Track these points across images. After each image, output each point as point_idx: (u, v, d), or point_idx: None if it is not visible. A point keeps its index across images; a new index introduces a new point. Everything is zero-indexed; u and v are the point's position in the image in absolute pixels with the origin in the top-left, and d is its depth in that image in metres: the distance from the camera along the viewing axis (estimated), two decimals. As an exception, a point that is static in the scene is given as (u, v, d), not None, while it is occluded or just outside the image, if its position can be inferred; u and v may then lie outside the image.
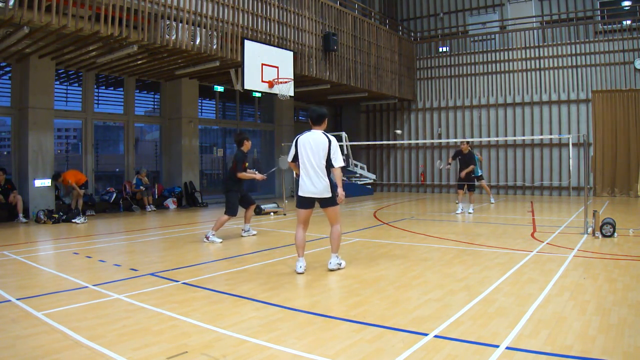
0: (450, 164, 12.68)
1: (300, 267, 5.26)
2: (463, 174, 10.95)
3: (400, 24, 20.36)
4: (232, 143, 16.96)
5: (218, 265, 5.89)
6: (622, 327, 3.40)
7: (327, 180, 5.15)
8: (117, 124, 13.88)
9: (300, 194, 5.26)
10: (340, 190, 5.19)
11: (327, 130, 5.39)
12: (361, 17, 15.71)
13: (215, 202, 15.26)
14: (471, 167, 11.04)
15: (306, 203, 5.29)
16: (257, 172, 7.95)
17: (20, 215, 10.33)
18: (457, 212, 11.16)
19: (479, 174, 13.44)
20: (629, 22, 16.03)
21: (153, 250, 7.05)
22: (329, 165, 5.14)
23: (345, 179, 16.86)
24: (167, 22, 9.35)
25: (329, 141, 5.13)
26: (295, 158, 5.30)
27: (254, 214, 11.50)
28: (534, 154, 16.90)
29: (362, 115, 20.46)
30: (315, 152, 5.12)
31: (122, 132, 13.79)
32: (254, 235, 8.16)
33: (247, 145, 7.71)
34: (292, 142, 5.33)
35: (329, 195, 5.19)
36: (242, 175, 7.55)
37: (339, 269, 5.38)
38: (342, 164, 5.19)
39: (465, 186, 11.11)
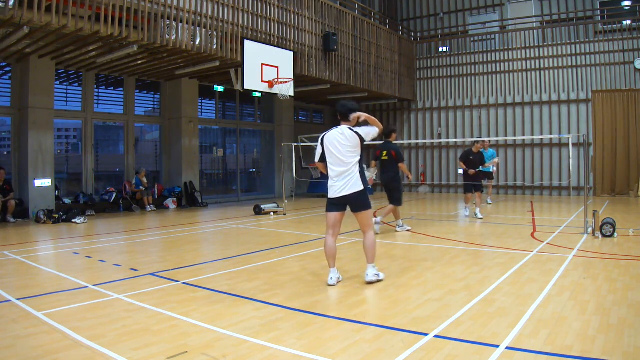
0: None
1: (332, 279, 4.72)
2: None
3: (400, 24, 20.35)
4: (232, 143, 16.97)
5: (218, 265, 5.89)
6: (622, 327, 3.40)
7: (357, 175, 4.68)
8: (117, 124, 13.88)
9: (329, 196, 4.77)
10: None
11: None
12: (361, 17, 15.71)
13: (215, 202, 15.26)
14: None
15: (335, 205, 4.76)
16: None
17: (9, 215, 10.31)
18: (479, 216, 10.25)
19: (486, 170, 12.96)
20: (629, 22, 16.02)
21: (153, 250, 7.05)
22: (361, 158, 4.77)
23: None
24: (167, 22, 9.35)
25: (359, 137, 4.72)
26: (323, 158, 4.83)
27: (254, 214, 11.53)
28: (534, 154, 16.89)
29: (362, 115, 20.41)
30: (344, 150, 4.68)
31: (122, 132, 13.79)
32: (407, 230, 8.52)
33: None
34: (318, 140, 4.92)
35: (361, 188, 4.66)
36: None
37: (378, 280, 4.76)
38: (373, 135, 4.83)
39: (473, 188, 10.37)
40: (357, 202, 4.70)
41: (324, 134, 4.91)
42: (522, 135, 16.87)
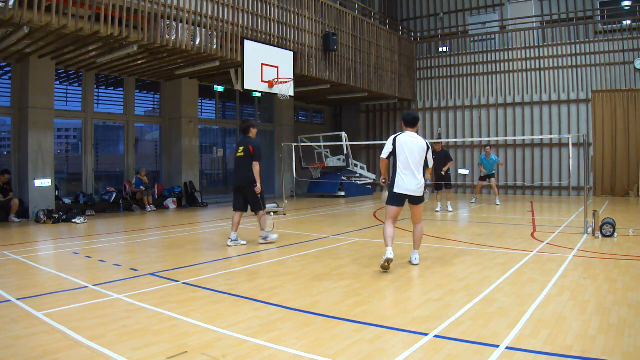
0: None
1: (391, 252, 5.17)
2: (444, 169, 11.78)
3: (400, 24, 20.35)
4: (232, 143, 16.98)
5: (218, 265, 5.89)
6: (622, 327, 3.40)
7: (424, 180, 5.51)
8: (117, 124, 13.88)
9: (396, 190, 5.44)
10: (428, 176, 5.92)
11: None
12: (361, 17, 15.71)
13: (215, 202, 15.26)
14: (450, 163, 11.87)
15: (399, 200, 5.48)
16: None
17: (12, 215, 10.31)
18: (437, 210, 11.87)
19: (490, 173, 13.56)
20: (629, 22, 16.03)
21: (153, 250, 7.05)
22: (425, 166, 5.58)
23: (345, 178, 16.89)
24: (167, 22, 9.35)
25: (427, 145, 5.54)
26: (389, 156, 5.52)
27: (254, 214, 11.50)
28: (534, 154, 16.89)
29: (362, 115, 20.44)
30: (417, 152, 5.43)
31: (122, 132, 13.79)
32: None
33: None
34: (390, 139, 5.54)
35: (422, 194, 5.52)
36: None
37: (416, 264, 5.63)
38: (430, 161, 5.68)
39: (443, 185, 11.95)
40: (417, 200, 5.55)
41: (395, 135, 5.56)
42: (522, 135, 16.87)
